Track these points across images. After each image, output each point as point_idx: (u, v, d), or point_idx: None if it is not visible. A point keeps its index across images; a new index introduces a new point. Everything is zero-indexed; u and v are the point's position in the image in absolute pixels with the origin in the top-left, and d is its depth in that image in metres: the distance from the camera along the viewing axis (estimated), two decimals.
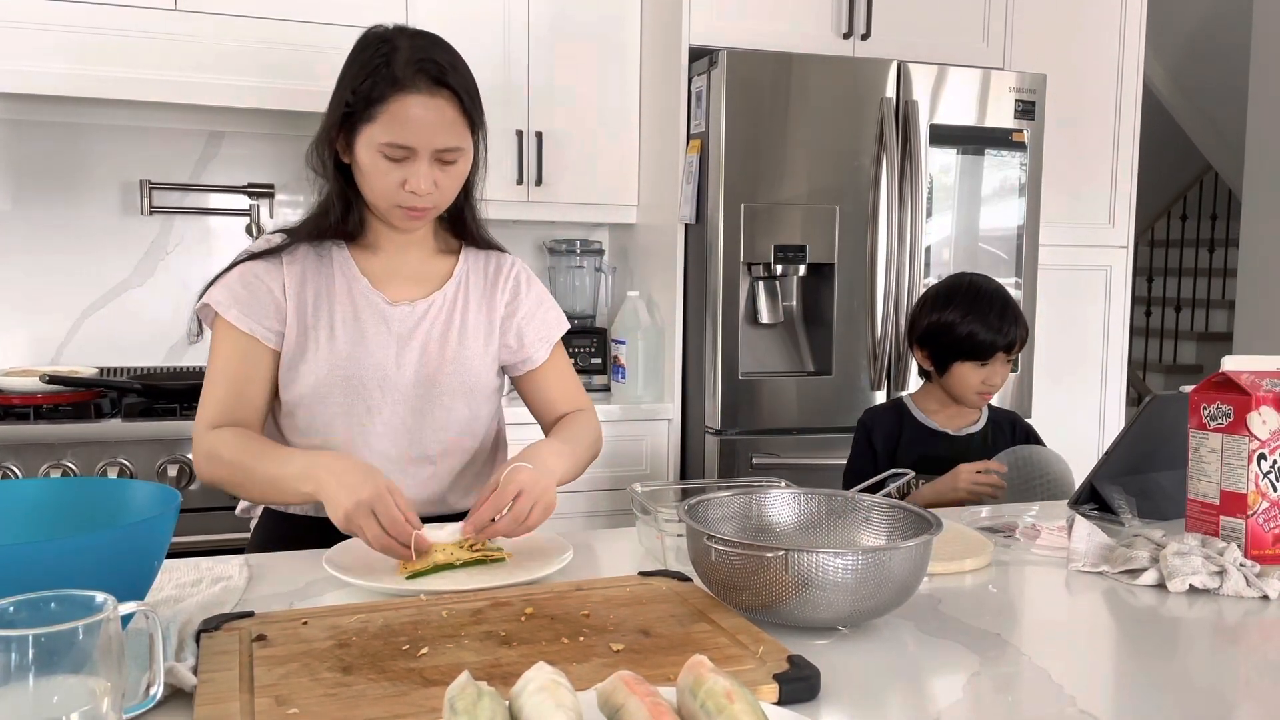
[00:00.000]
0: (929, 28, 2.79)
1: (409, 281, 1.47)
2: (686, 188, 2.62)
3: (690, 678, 0.71)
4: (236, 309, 1.40)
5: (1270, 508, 1.28)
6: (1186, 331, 5.78)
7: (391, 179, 1.34)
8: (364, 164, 1.35)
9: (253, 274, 1.42)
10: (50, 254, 2.74)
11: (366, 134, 1.33)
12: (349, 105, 1.34)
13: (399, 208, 1.37)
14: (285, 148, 2.89)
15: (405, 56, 1.32)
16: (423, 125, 1.32)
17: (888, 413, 1.97)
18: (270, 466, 1.29)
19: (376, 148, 1.33)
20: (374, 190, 1.37)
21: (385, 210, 1.39)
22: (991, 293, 1.89)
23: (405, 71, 1.31)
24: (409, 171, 1.34)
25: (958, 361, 1.86)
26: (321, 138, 1.39)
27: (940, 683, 0.91)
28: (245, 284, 1.41)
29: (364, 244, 1.47)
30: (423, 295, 1.47)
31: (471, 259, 1.52)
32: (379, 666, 0.87)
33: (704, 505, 1.15)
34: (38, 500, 1.03)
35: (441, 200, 1.40)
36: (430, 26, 2.57)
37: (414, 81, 1.31)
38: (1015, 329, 1.86)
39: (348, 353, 1.40)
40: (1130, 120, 3.06)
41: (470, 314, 1.48)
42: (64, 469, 2.22)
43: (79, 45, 2.34)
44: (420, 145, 1.32)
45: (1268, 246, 3.48)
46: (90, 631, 0.68)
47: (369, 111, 1.32)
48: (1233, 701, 0.89)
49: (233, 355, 1.39)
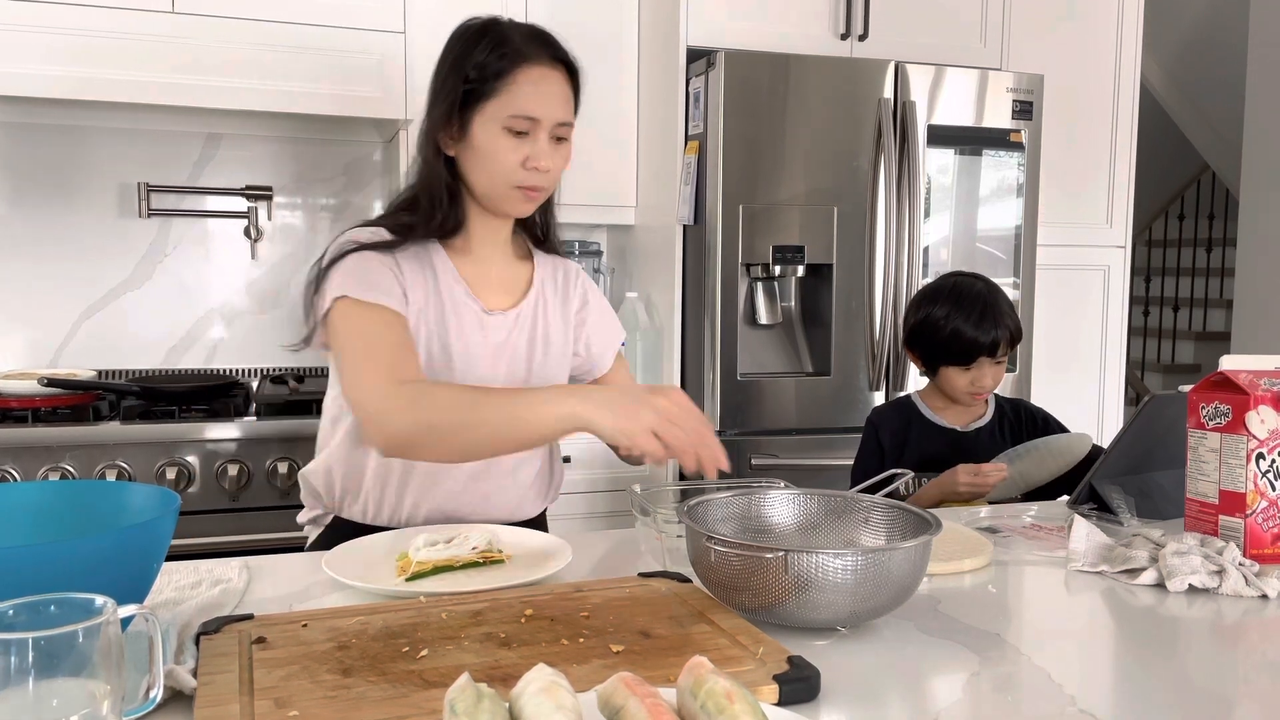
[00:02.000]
0: (926, 28, 2.80)
1: (497, 288, 1.45)
2: (685, 189, 2.62)
3: (690, 679, 0.71)
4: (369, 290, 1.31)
5: (1269, 507, 1.28)
6: (1185, 331, 5.78)
7: (513, 157, 1.34)
8: (483, 144, 1.34)
9: (374, 260, 1.35)
10: (48, 257, 2.74)
11: (489, 110, 1.33)
12: (469, 81, 1.33)
13: (518, 189, 1.36)
14: (284, 150, 2.89)
15: (523, 33, 1.35)
16: (548, 96, 1.34)
17: (895, 410, 1.97)
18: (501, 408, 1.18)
19: (501, 123, 1.33)
20: (492, 172, 1.35)
21: (501, 194, 1.37)
22: (976, 293, 1.87)
23: (527, 46, 1.34)
24: (531, 148, 1.34)
25: (943, 365, 1.86)
26: (432, 130, 1.37)
27: (940, 683, 0.91)
28: (369, 269, 1.34)
29: (457, 247, 1.43)
30: (511, 304, 1.46)
31: (544, 266, 1.52)
32: (379, 668, 0.87)
33: (703, 506, 1.15)
34: (36, 503, 1.03)
35: (553, 183, 1.40)
36: (428, 27, 2.59)
37: (537, 53, 1.34)
38: (998, 330, 1.83)
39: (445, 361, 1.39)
40: (1128, 120, 3.07)
41: (550, 324, 1.48)
42: (62, 472, 2.22)
43: (77, 48, 2.34)
44: (545, 116, 1.33)
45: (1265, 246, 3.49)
46: (90, 634, 0.68)
47: (492, 86, 1.32)
48: (1232, 700, 0.89)
49: (376, 323, 1.30)
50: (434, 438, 1.20)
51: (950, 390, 1.88)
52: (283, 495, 2.35)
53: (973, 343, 1.82)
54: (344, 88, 2.51)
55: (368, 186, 2.98)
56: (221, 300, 2.89)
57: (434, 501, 1.43)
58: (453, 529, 1.26)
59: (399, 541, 1.28)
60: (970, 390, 1.85)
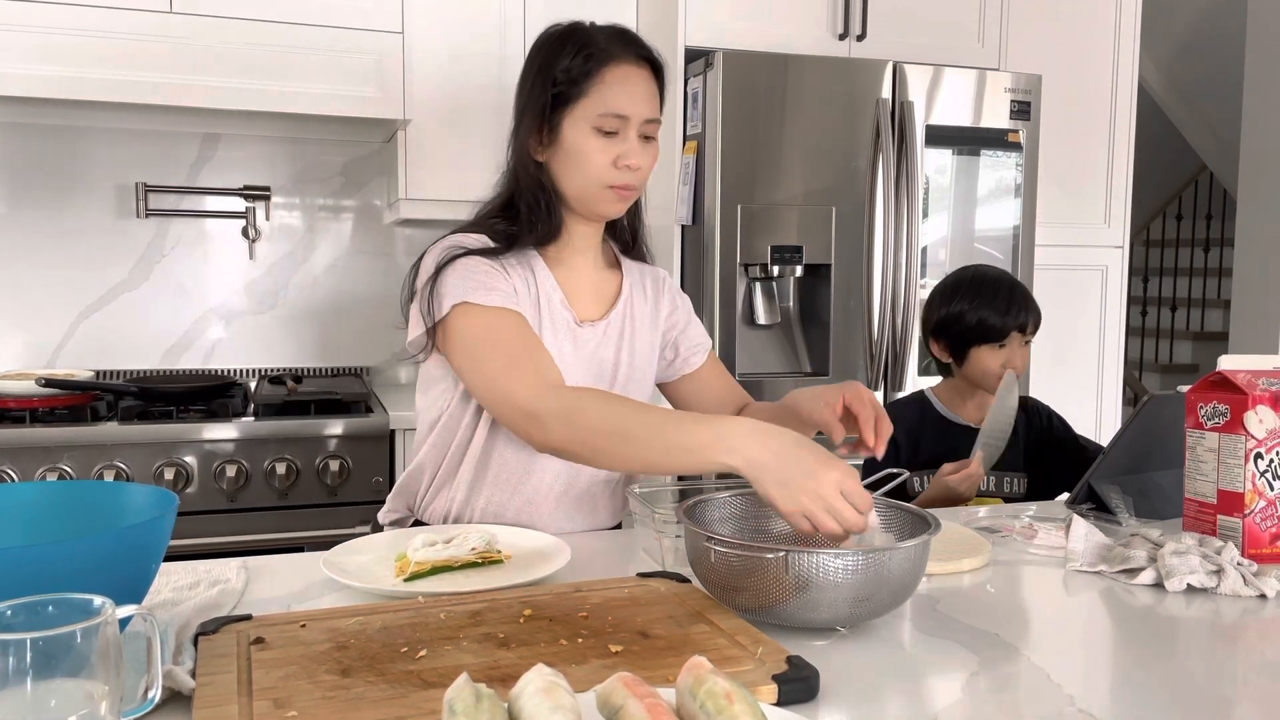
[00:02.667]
0: (924, 28, 2.80)
1: (587, 297, 1.45)
2: (683, 189, 2.62)
3: (689, 679, 0.71)
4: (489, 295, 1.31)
5: (1267, 506, 1.28)
6: (1182, 331, 5.79)
7: (605, 156, 1.34)
8: (573, 146, 1.35)
9: (485, 265, 1.35)
10: (46, 257, 2.74)
11: (578, 111, 1.34)
12: (557, 84, 1.34)
13: (609, 188, 1.36)
14: (281, 150, 2.89)
15: (606, 34, 1.36)
16: (635, 93, 1.34)
17: (909, 407, 1.96)
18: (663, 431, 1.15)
19: (591, 122, 1.33)
20: (585, 172, 1.36)
21: (594, 194, 1.37)
22: (997, 278, 1.90)
23: (611, 45, 1.35)
24: (621, 146, 1.34)
25: (975, 346, 1.86)
26: (521, 138, 1.38)
27: (939, 683, 0.91)
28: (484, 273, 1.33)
29: (551, 254, 1.43)
30: (601, 314, 1.46)
31: (632, 274, 1.52)
32: (377, 669, 0.87)
33: (702, 506, 1.15)
34: (34, 503, 1.03)
35: (644, 182, 1.41)
36: (426, 28, 2.59)
37: (622, 52, 1.35)
38: (1026, 310, 1.87)
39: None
40: (1125, 120, 3.07)
41: (638, 334, 1.48)
42: (60, 472, 2.21)
43: (74, 48, 2.34)
44: (634, 113, 1.34)
45: (1263, 246, 3.49)
46: (88, 635, 0.68)
47: (580, 87, 1.33)
48: (1230, 700, 0.89)
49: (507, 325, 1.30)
50: (589, 451, 1.21)
51: (981, 375, 1.87)
52: (281, 495, 2.35)
53: (1004, 319, 1.85)
54: (342, 88, 2.51)
55: (366, 187, 2.98)
56: (219, 300, 2.88)
57: (513, 509, 1.43)
58: (452, 529, 1.26)
59: (397, 542, 1.28)
60: (1002, 373, 1.86)
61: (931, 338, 1.95)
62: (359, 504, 2.40)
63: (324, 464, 2.37)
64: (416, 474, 1.48)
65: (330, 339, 2.98)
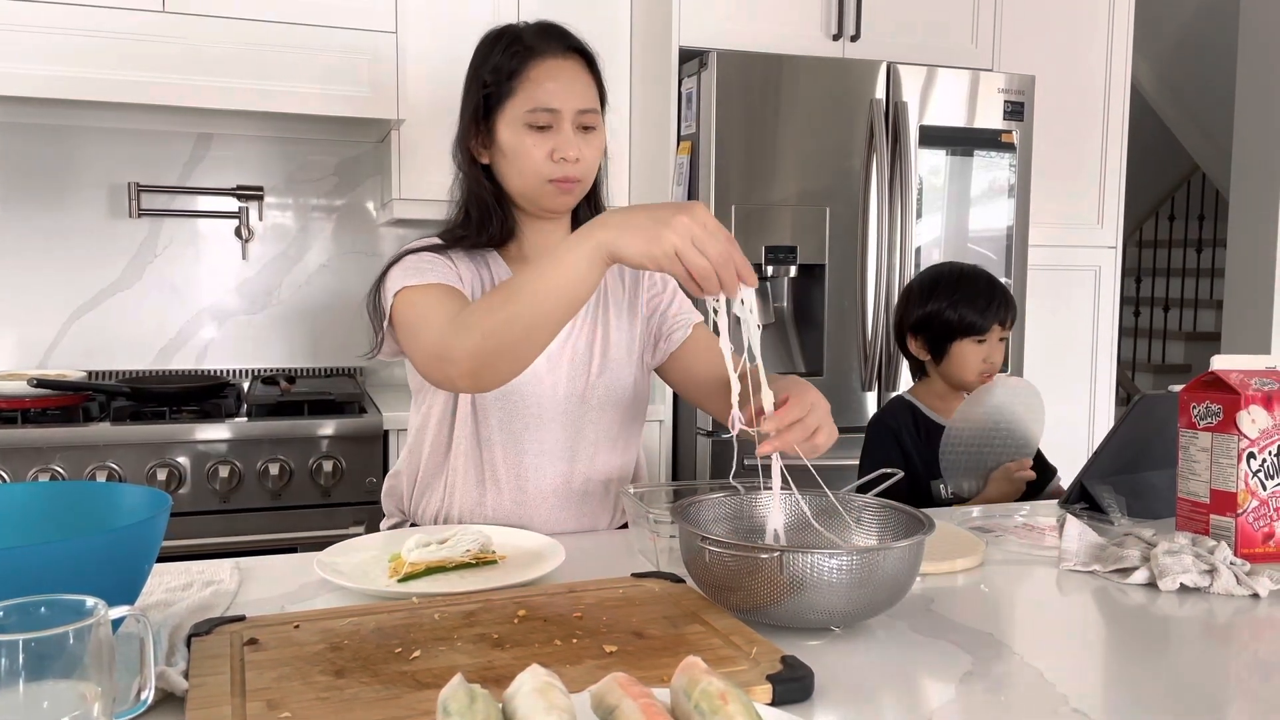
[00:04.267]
0: (918, 29, 2.80)
1: None
2: (677, 189, 2.62)
3: (684, 679, 0.70)
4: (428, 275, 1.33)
5: (1260, 506, 1.28)
6: (1175, 331, 5.81)
7: (540, 152, 1.35)
8: (509, 145, 1.36)
9: (429, 257, 1.37)
10: (38, 257, 2.73)
11: (509, 110, 1.35)
12: (486, 86, 1.36)
13: (549, 183, 1.36)
14: (275, 150, 2.88)
15: (533, 30, 1.37)
16: (561, 86, 1.34)
17: (903, 412, 1.95)
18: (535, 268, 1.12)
19: (521, 119, 1.34)
20: (522, 171, 1.36)
21: (535, 191, 1.37)
22: (975, 274, 1.91)
23: (536, 40, 1.36)
24: (555, 140, 1.34)
25: (956, 341, 1.87)
26: (458, 144, 1.40)
27: (933, 682, 0.91)
28: (426, 262, 1.35)
29: (511, 254, 1.45)
30: None
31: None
32: (371, 670, 0.87)
33: (696, 506, 1.15)
34: (26, 504, 1.03)
35: (586, 173, 1.39)
36: (419, 28, 2.58)
37: (547, 46, 1.35)
38: (1005, 304, 1.88)
39: None
40: (1118, 121, 3.08)
41: (612, 324, 1.48)
42: (52, 473, 2.21)
43: (67, 47, 2.33)
44: (563, 105, 1.34)
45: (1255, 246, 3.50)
46: (81, 636, 0.68)
47: (508, 86, 1.34)
48: (1223, 699, 0.90)
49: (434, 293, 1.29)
50: (491, 342, 1.14)
51: (960, 371, 1.87)
52: (274, 496, 2.35)
53: (985, 314, 1.86)
54: (335, 87, 2.50)
55: (359, 187, 2.97)
56: (212, 301, 2.88)
57: (504, 509, 1.43)
58: (446, 530, 1.26)
59: (391, 542, 1.28)
60: (982, 368, 1.87)
61: (910, 335, 1.94)
62: (352, 505, 2.40)
63: (317, 464, 2.37)
64: (407, 477, 1.49)
65: (323, 339, 2.97)
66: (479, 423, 1.42)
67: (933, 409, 1.93)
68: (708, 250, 1.04)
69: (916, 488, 1.82)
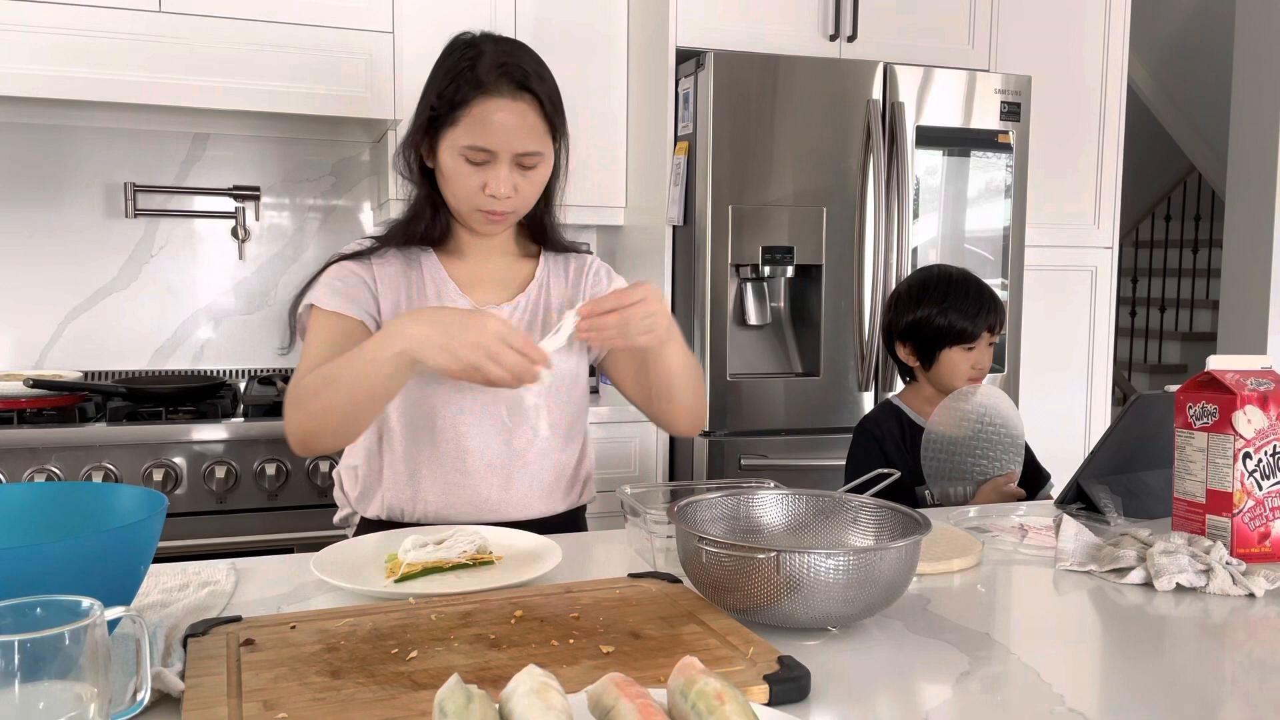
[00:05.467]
0: (915, 30, 2.80)
1: (493, 285, 1.49)
2: (674, 189, 2.62)
3: (681, 679, 0.71)
4: (335, 298, 1.40)
5: (1256, 506, 1.28)
6: (1171, 331, 5.81)
7: (472, 183, 1.36)
8: (446, 168, 1.37)
9: (346, 270, 1.43)
10: (34, 257, 2.72)
11: (449, 137, 1.35)
12: (434, 109, 1.36)
13: (479, 211, 1.39)
14: (271, 150, 2.88)
15: (489, 61, 1.34)
16: (503, 129, 1.33)
17: (888, 418, 1.95)
18: (350, 361, 1.24)
19: (458, 151, 1.35)
20: (455, 194, 1.39)
21: (466, 214, 1.41)
22: (963, 279, 1.90)
23: (488, 75, 1.33)
24: (489, 175, 1.35)
25: (945, 349, 1.87)
26: (407, 142, 1.41)
27: (929, 682, 0.91)
28: (340, 278, 1.42)
29: (449, 250, 1.49)
30: (507, 299, 1.49)
31: (551, 262, 1.55)
32: (368, 670, 0.87)
33: (693, 507, 1.15)
34: (22, 505, 1.02)
35: (521, 205, 1.41)
36: (417, 28, 2.58)
37: (496, 85, 1.33)
38: (994, 310, 1.88)
39: None
40: (1115, 122, 3.08)
41: (553, 313, 1.50)
42: (48, 473, 2.20)
43: (63, 47, 2.32)
44: (500, 149, 1.34)
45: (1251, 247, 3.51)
46: (76, 637, 0.68)
47: (452, 115, 1.34)
48: (1219, 699, 0.90)
49: (329, 332, 1.39)
50: (314, 422, 1.27)
51: (949, 377, 1.87)
52: (270, 497, 2.34)
53: (975, 320, 1.85)
54: (332, 88, 2.50)
55: (356, 187, 2.97)
56: (208, 301, 2.87)
57: (448, 499, 1.44)
58: (442, 530, 1.26)
59: (388, 543, 1.28)
60: (971, 374, 1.87)
61: (898, 342, 1.94)
62: None
63: (313, 465, 2.36)
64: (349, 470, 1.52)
65: None
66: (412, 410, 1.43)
67: (920, 414, 1.93)
68: (503, 363, 1.15)
69: (901, 494, 1.81)
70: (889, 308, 1.97)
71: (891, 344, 1.96)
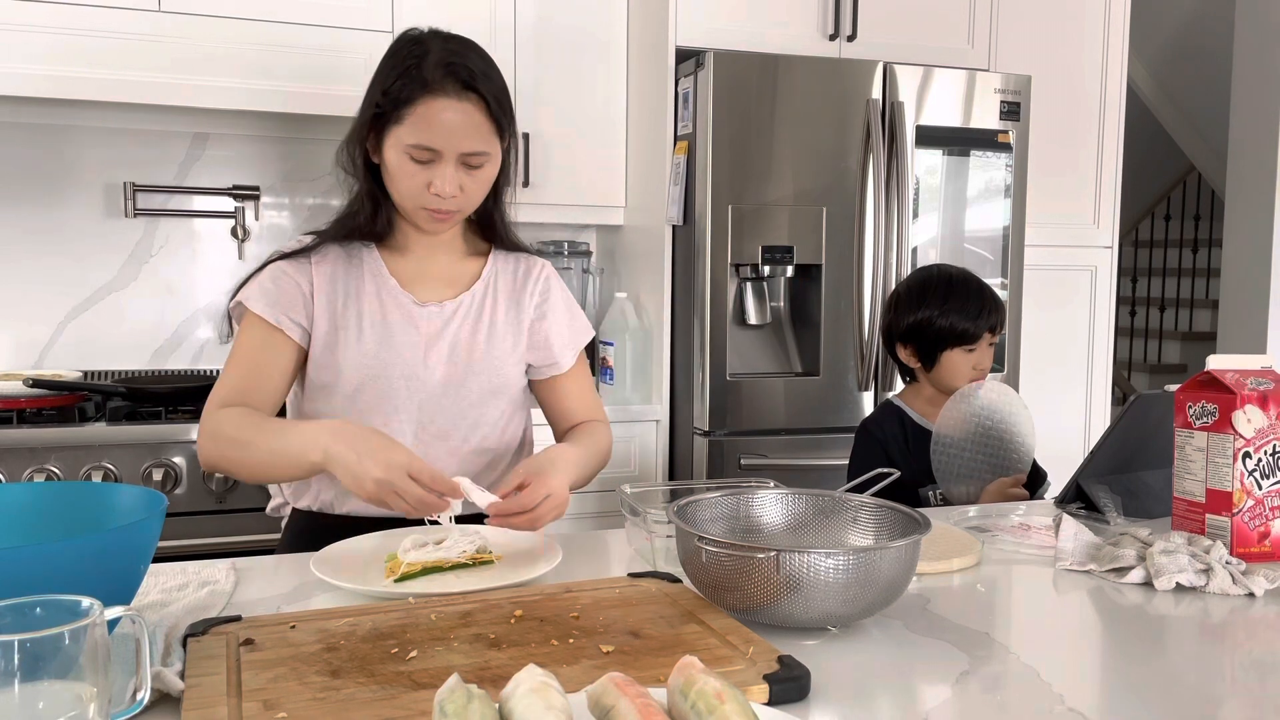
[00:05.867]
0: (915, 29, 2.80)
1: (438, 283, 1.48)
2: (674, 189, 2.62)
3: (681, 679, 0.71)
4: (264, 301, 1.40)
5: (1255, 505, 1.28)
6: (1171, 331, 5.81)
7: (417, 181, 1.35)
8: (391, 165, 1.36)
9: (281, 271, 1.43)
10: (33, 257, 2.72)
11: (394, 135, 1.34)
12: (379, 106, 1.35)
13: (424, 210, 1.38)
14: (270, 150, 2.88)
15: (435, 59, 1.33)
16: (449, 128, 1.32)
17: (889, 419, 1.94)
18: (272, 439, 1.27)
19: (403, 149, 1.34)
20: (400, 192, 1.38)
21: (411, 212, 1.40)
22: (964, 280, 1.90)
23: (434, 74, 1.32)
24: (434, 174, 1.35)
25: (947, 350, 1.86)
26: (352, 137, 1.40)
27: (929, 682, 0.91)
28: (274, 280, 1.42)
29: (393, 245, 1.48)
30: (451, 296, 1.47)
31: (500, 261, 1.53)
32: (368, 670, 0.87)
33: (693, 506, 1.15)
34: (22, 504, 1.02)
35: (467, 204, 1.40)
36: None
37: (443, 84, 1.32)
38: (995, 310, 1.87)
39: (374, 352, 1.41)
40: (1114, 121, 3.08)
41: (499, 315, 1.49)
42: (48, 473, 2.20)
43: (62, 47, 2.32)
44: (446, 148, 1.33)
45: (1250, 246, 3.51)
46: (76, 637, 0.68)
47: (397, 113, 1.33)
48: (1219, 698, 0.90)
49: (254, 343, 1.40)
50: (226, 464, 1.33)
51: (950, 378, 1.87)
52: (270, 496, 2.34)
53: (976, 322, 1.85)
54: (332, 87, 2.50)
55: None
56: (208, 301, 2.87)
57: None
58: (441, 530, 1.26)
59: (387, 543, 1.28)
60: (972, 375, 1.86)
61: (899, 343, 1.93)
62: None
63: None
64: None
65: None
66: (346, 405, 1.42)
67: (922, 414, 1.92)
68: (406, 497, 1.15)
69: (904, 495, 1.81)
70: (889, 309, 1.96)
71: (892, 345, 1.95)
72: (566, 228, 3.07)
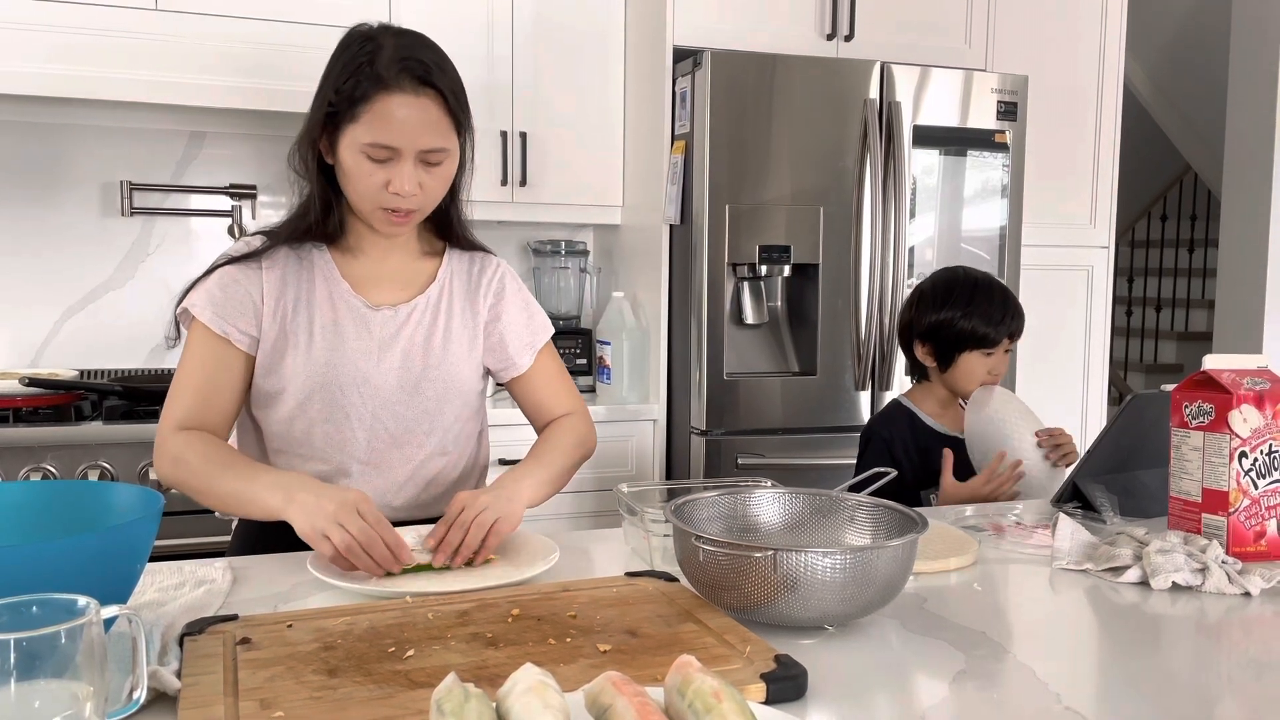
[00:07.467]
0: (912, 29, 2.81)
1: (392, 285, 1.44)
2: (671, 188, 2.62)
3: (678, 678, 0.71)
4: (211, 310, 1.37)
5: (1251, 505, 1.29)
6: (1167, 331, 5.82)
7: (375, 180, 1.32)
8: (347, 165, 1.32)
9: (230, 278, 1.40)
10: (30, 255, 2.71)
11: (350, 134, 1.30)
12: (332, 105, 1.31)
13: (382, 210, 1.34)
14: (267, 148, 2.87)
15: (389, 55, 1.30)
16: (406, 125, 1.29)
17: (898, 420, 1.93)
18: (235, 480, 1.27)
19: (359, 148, 1.30)
20: (357, 192, 1.34)
21: (368, 213, 1.37)
22: (989, 284, 1.90)
23: (389, 70, 1.29)
24: (392, 173, 1.31)
25: (965, 352, 1.86)
26: (304, 138, 1.36)
27: (926, 681, 0.91)
28: (222, 287, 1.39)
29: (345, 247, 1.44)
30: (406, 299, 1.44)
31: (455, 261, 1.50)
32: (365, 669, 0.87)
33: (690, 505, 1.15)
34: (18, 503, 1.02)
35: (426, 203, 1.37)
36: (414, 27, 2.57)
37: (398, 81, 1.29)
38: (1016, 317, 1.88)
39: (325, 358, 1.38)
40: (1111, 121, 3.09)
41: (455, 317, 1.46)
42: (44, 472, 2.20)
43: (59, 45, 2.32)
44: (404, 146, 1.30)
45: (1247, 247, 3.51)
46: (72, 635, 0.68)
47: (352, 111, 1.30)
48: (1215, 698, 0.90)
49: (204, 357, 1.37)
50: (186, 490, 1.32)
51: (965, 381, 1.86)
52: None
53: (998, 327, 1.85)
54: None
55: None
56: None
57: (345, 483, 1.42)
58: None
59: None
60: (987, 379, 1.86)
61: (918, 341, 1.92)
62: None
63: None
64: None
65: None
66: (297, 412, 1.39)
67: (931, 415, 1.92)
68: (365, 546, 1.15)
69: (906, 497, 1.81)
70: (910, 305, 1.95)
71: (909, 342, 1.94)
72: (564, 227, 3.07)
